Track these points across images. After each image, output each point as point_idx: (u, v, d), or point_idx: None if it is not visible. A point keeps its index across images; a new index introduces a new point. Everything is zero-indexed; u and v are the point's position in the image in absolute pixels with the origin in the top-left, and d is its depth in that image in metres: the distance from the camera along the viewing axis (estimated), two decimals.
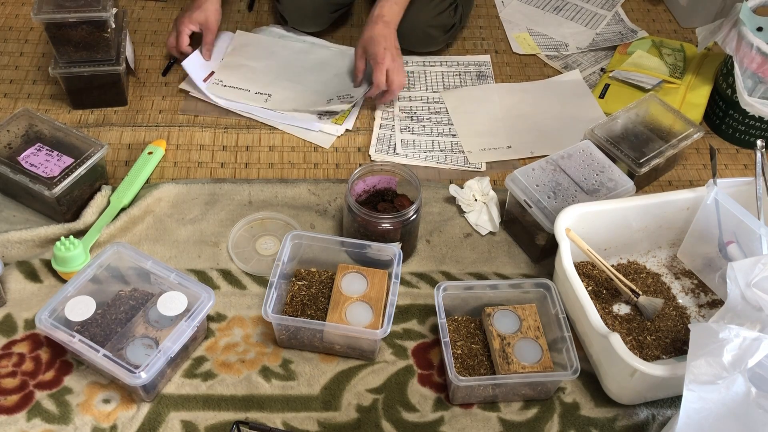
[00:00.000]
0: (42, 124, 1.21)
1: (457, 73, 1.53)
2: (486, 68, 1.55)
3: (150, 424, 0.96)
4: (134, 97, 1.43)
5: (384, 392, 1.02)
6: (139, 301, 1.06)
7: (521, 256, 1.21)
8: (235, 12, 1.64)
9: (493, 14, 1.71)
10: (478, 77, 1.53)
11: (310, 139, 1.37)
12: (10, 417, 0.96)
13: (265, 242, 1.19)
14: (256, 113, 1.40)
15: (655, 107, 1.33)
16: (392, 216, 1.10)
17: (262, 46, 1.53)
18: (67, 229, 1.16)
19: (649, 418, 1.01)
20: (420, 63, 1.54)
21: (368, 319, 1.03)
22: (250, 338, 1.07)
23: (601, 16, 1.72)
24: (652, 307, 1.08)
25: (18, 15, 1.60)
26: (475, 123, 1.43)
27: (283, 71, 1.48)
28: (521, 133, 1.41)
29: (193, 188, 1.26)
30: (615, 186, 1.17)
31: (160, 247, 1.17)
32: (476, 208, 1.24)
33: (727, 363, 0.79)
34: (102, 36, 1.28)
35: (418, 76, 1.51)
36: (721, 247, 1.10)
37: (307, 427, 0.98)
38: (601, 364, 1.02)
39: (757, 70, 1.31)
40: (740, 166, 1.41)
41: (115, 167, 1.29)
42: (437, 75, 1.52)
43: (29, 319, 1.06)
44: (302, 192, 1.27)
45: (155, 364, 0.93)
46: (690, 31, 1.70)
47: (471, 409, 1.01)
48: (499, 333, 1.03)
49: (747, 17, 1.32)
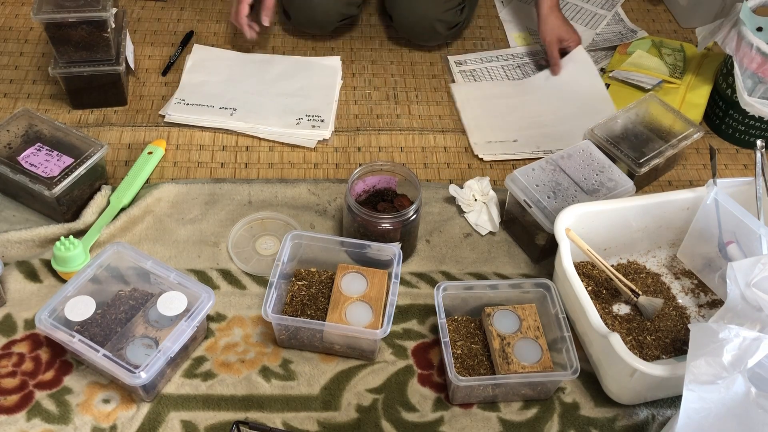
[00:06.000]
0: (42, 124, 1.21)
1: (517, 65, 1.57)
2: (541, 57, 1.58)
3: (150, 424, 0.96)
4: (134, 97, 1.43)
5: (384, 392, 1.02)
6: (139, 301, 1.06)
7: (521, 256, 1.21)
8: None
9: (493, 14, 1.71)
10: (537, 67, 1.57)
11: (292, 141, 1.36)
12: (10, 417, 0.96)
13: (265, 242, 1.19)
14: (230, 126, 1.37)
15: (655, 107, 1.34)
16: (392, 216, 1.10)
17: (221, 59, 1.51)
18: (66, 229, 1.16)
19: (649, 418, 1.01)
20: (478, 60, 1.57)
21: (368, 319, 1.03)
22: (250, 338, 1.07)
23: (601, 16, 1.72)
24: (652, 307, 1.08)
25: (18, 15, 1.60)
26: (483, 116, 1.43)
27: (246, 84, 1.45)
28: (528, 129, 1.41)
29: (193, 188, 1.26)
30: (615, 186, 1.17)
31: (159, 247, 1.17)
32: (476, 208, 1.24)
33: (727, 363, 0.79)
34: (102, 36, 1.28)
35: (481, 73, 1.54)
36: (721, 247, 1.10)
37: (307, 427, 0.98)
38: (601, 364, 1.02)
39: (757, 70, 1.31)
40: (740, 166, 1.41)
41: (115, 167, 1.29)
42: (499, 69, 1.55)
43: (29, 319, 1.06)
44: (302, 192, 1.27)
45: (155, 364, 0.93)
46: (690, 31, 1.70)
47: (471, 409, 1.01)
48: (499, 333, 1.03)
49: (747, 17, 1.32)
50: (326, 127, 1.38)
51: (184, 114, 1.38)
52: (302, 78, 1.48)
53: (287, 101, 1.42)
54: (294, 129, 1.37)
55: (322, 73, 1.50)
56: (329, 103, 1.43)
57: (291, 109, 1.41)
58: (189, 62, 1.49)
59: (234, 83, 1.45)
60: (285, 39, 1.59)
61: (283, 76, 1.48)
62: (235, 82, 1.46)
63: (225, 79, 1.46)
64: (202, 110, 1.39)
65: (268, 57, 1.53)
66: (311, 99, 1.43)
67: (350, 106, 1.46)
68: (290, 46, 1.57)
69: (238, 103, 1.41)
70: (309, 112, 1.40)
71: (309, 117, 1.39)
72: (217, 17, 1.63)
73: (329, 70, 1.51)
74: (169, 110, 1.38)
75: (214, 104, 1.40)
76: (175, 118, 1.37)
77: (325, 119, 1.39)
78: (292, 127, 1.37)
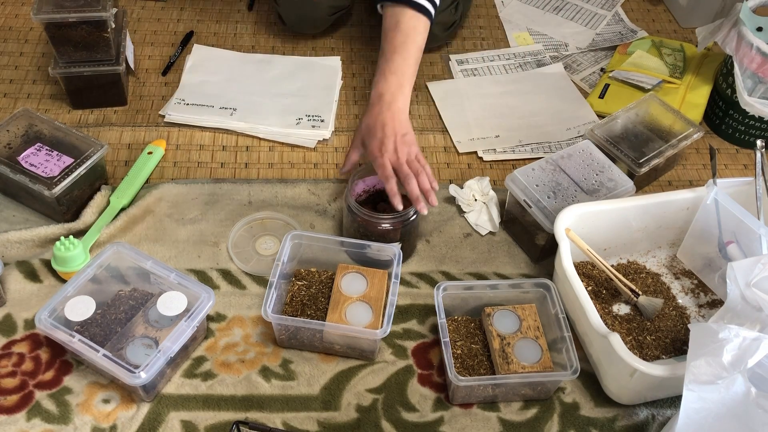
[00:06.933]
0: (42, 124, 1.21)
1: (518, 64, 1.57)
2: (542, 56, 1.58)
3: (150, 424, 0.96)
4: (134, 97, 1.43)
5: (384, 392, 1.02)
6: (139, 301, 1.06)
7: (521, 256, 1.21)
8: (235, 12, 1.64)
9: (493, 14, 1.71)
10: (538, 65, 1.57)
11: (292, 141, 1.36)
12: (10, 417, 0.96)
13: (265, 242, 1.19)
14: (230, 126, 1.37)
15: (655, 107, 1.34)
16: (392, 216, 1.10)
17: (221, 59, 1.51)
18: (66, 229, 1.16)
19: (649, 418, 1.01)
20: (480, 59, 1.56)
21: (368, 319, 1.03)
22: (250, 338, 1.07)
23: (601, 16, 1.72)
24: (652, 307, 1.08)
25: (18, 15, 1.60)
26: (462, 114, 1.44)
27: (246, 84, 1.45)
28: (509, 123, 1.42)
29: (193, 188, 1.26)
30: (615, 186, 1.17)
31: (159, 247, 1.17)
32: (476, 208, 1.24)
33: (727, 363, 0.79)
34: (102, 36, 1.28)
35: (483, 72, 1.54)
36: (721, 247, 1.10)
37: (307, 427, 0.98)
38: (601, 364, 1.02)
39: (757, 70, 1.31)
40: (740, 166, 1.41)
41: (114, 167, 1.29)
42: (500, 68, 1.55)
43: (29, 319, 1.06)
44: (302, 192, 1.27)
45: (155, 364, 0.93)
46: (690, 31, 1.70)
47: (471, 409, 1.01)
48: (499, 333, 1.03)
49: (747, 17, 1.32)
50: (326, 127, 1.38)
51: (184, 114, 1.38)
52: (302, 78, 1.48)
53: (287, 101, 1.42)
54: (294, 129, 1.37)
55: (322, 73, 1.50)
56: (329, 103, 1.43)
57: (291, 109, 1.41)
58: (189, 62, 1.49)
59: (234, 83, 1.45)
60: (285, 39, 1.59)
61: (283, 76, 1.48)
62: (235, 82, 1.46)
63: (225, 79, 1.46)
64: (202, 110, 1.39)
65: (268, 57, 1.53)
66: (311, 99, 1.43)
67: (350, 106, 1.46)
68: (290, 46, 1.57)
69: (238, 103, 1.41)
70: (309, 112, 1.40)
71: (309, 117, 1.39)
72: (217, 17, 1.63)
73: (329, 70, 1.51)
74: (169, 110, 1.38)
75: (214, 104, 1.40)
76: (175, 118, 1.37)
77: (325, 119, 1.39)
78: (292, 127, 1.37)
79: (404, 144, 1.09)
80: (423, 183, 1.07)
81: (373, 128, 1.10)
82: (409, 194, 1.06)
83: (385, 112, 1.10)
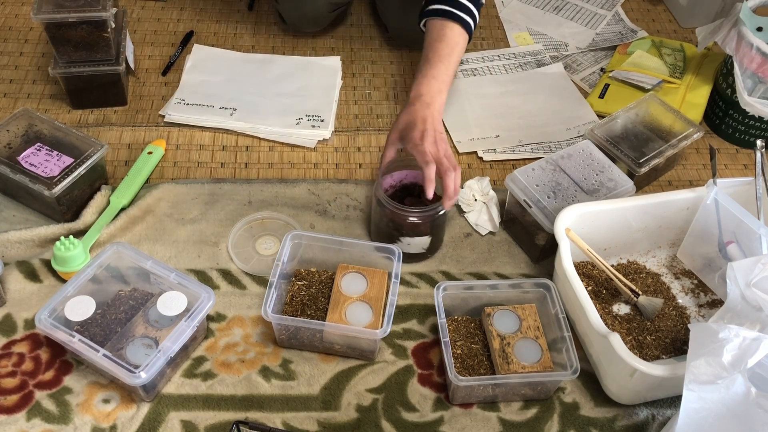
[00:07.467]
0: (42, 124, 1.21)
1: (518, 64, 1.56)
2: (543, 56, 1.58)
3: (150, 424, 0.96)
4: (134, 97, 1.43)
5: (384, 392, 1.02)
6: (139, 301, 1.06)
7: (521, 256, 1.21)
8: (235, 12, 1.64)
9: (493, 14, 1.71)
10: (538, 65, 1.57)
11: (292, 141, 1.36)
12: (10, 417, 0.96)
13: (265, 242, 1.19)
14: (230, 126, 1.37)
15: (655, 107, 1.34)
16: (421, 210, 1.09)
17: (221, 59, 1.51)
18: (66, 229, 1.16)
19: (649, 418, 1.01)
20: (480, 59, 1.57)
21: (368, 319, 1.03)
22: (250, 338, 1.07)
23: (601, 16, 1.72)
24: (652, 307, 1.08)
25: (18, 15, 1.60)
26: (462, 114, 1.44)
27: (246, 84, 1.45)
28: (509, 123, 1.43)
29: (193, 188, 1.26)
30: (615, 186, 1.17)
31: (159, 247, 1.17)
32: (476, 207, 1.24)
33: (727, 363, 0.79)
34: (102, 36, 1.28)
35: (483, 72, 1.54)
36: (721, 247, 1.10)
37: (307, 427, 0.98)
38: (601, 364, 1.02)
39: (757, 70, 1.31)
40: (740, 166, 1.41)
41: (114, 167, 1.29)
42: (500, 68, 1.55)
43: (29, 319, 1.06)
44: (302, 192, 1.27)
45: (155, 364, 0.93)
46: (690, 31, 1.70)
47: (471, 409, 1.01)
48: (499, 333, 1.03)
49: (747, 17, 1.32)
50: (326, 127, 1.38)
51: (184, 114, 1.38)
52: (302, 78, 1.48)
53: (287, 101, 1.42)
54: (294, 129, 1.37)
55: (322, 73, 1.50)
56: (329, 103, 1.43)
57: (291, 109, 1.41)
58: (189, 62, 1.49)
59: (234, 83, 1.45)
60: (285, 39, 1.59)
61: (283, 76, 1.48)
62: (235, 82, 1.46)
63: (225, 79, 1.46)
64: (202, 110, 1.39)
65: (268, 57, 1.53)
66: (311, 99, 1.43)
67: (350, 106, 1.46)
68: (290, 46, 1.57)
69: (238, 103, 1.41)
70: (309, 112, 1.40)
71: (309, 117, 1.39)
72: (217, 17, 1.63)
73: (329, 70, 1.51)
74: (169, 110, 1.38)
75: (214, 104, 1.40)
76: (175, 118, 1.37)
77: (325, 119, 1.39)
78: (292, 127, 1.37)
79: (442, 141, 1.13)
80: (456, 181, 1.11)
81: (413, 122, 1.13)
82: (445, 187, 1.08)
83: (425, 109, 1.15)
